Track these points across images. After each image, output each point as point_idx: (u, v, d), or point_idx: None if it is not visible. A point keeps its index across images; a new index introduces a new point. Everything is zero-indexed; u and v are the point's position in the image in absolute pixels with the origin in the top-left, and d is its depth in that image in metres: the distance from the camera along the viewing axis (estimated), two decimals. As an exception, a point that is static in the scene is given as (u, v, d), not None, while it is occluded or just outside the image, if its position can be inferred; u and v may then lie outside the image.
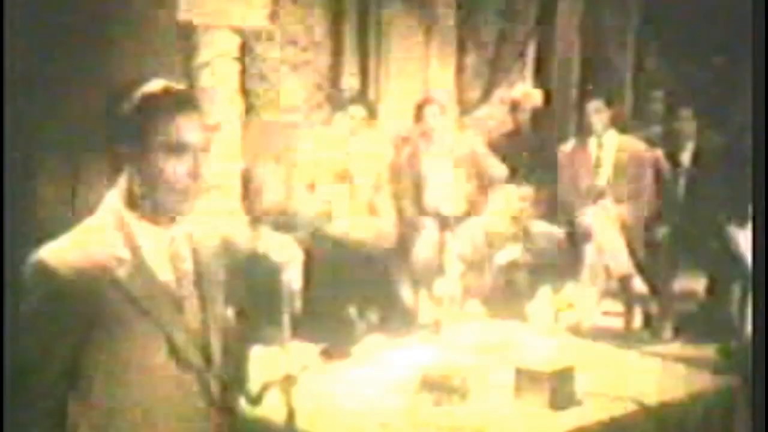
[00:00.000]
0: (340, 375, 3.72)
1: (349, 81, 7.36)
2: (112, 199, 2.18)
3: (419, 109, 6.52)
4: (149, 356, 2.12)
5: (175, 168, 2.12)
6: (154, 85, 2.16)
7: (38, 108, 5.05)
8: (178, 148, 2.12)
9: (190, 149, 2.14)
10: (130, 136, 2.12)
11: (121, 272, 2.10)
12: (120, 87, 2.20)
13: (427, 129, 6.43)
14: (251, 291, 2.46)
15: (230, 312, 2.31)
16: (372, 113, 6.55)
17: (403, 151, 6.58)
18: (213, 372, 2.22)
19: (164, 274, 2.18)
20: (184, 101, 2.18)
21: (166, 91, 2.16)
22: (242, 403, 2.37)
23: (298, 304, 4.78)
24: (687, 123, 6.62)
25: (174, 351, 2.15)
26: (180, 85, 2.23)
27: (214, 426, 2.24)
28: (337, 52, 7.39)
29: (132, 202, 2.16)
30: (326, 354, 4.00)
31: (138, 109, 2.13)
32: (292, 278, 4.96)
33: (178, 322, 2.17)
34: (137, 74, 2.17)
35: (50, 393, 2.09)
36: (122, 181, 2.17)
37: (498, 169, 6.46)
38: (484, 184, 6.19)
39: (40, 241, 2.11)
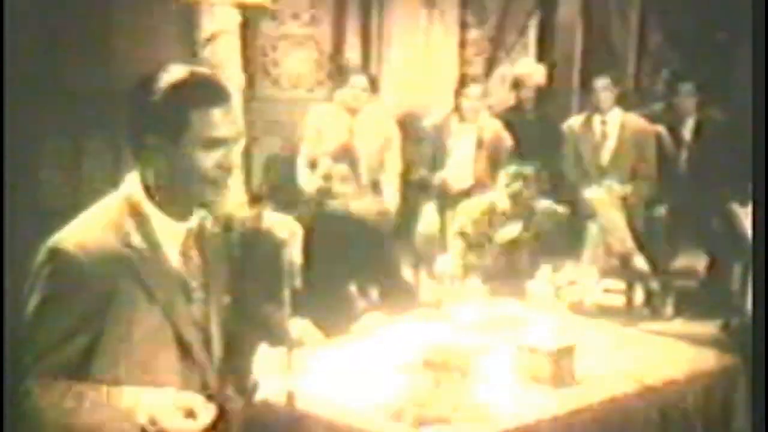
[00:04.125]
0: (339, 352, 3.73)
1: (351, 56, 7.33)
2: (130, 185, 2.12)
3: (461, 83, 6.50)
4: (156, 349, 2.09)
5: (206, 161, 2.06)
6: (180, 73, 2.07)
7: (40, 92, 5.02)
8: (212, 143, 2.06)
9: (224, 143, 2.08)
10: (160, 128, 2.05)
11: (135, 258, 2.05)
12: (143, 75, 2.10)
13: (464, 106, 6.42)
14: (252, 267, 2.44)
15: (227, 299, 2.28)
16: (374, 86, 6.52)
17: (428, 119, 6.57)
18: (213, 365, 2.20)
19: (176, 264, 2.14)
20: (217, 93, 2.09)
21: (194, 80, 2.07)
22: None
23: (298, 280, 4.78)
24: (688, 98, 6.60)
25: (180, 344, 2.12)
26: (202, 70, 2.14)
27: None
28: (338, 28, 7.36)
29: (151, 191, 2.10)
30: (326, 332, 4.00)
31: (168, 101, 2.04)
32: (293, 254, 4.96)
33: (186, 315, 2.14)
34: (139, 53, 2.12)
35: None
36: (145, 170, 2.10)
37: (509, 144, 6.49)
38: (497, 163, 6.17)
39: (43, 226, 2.07)
